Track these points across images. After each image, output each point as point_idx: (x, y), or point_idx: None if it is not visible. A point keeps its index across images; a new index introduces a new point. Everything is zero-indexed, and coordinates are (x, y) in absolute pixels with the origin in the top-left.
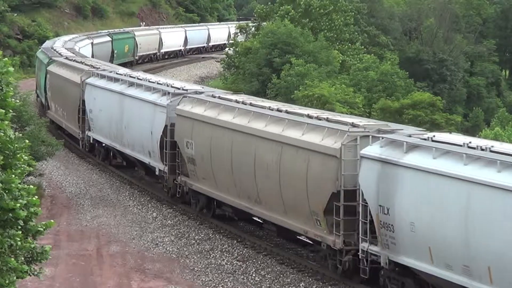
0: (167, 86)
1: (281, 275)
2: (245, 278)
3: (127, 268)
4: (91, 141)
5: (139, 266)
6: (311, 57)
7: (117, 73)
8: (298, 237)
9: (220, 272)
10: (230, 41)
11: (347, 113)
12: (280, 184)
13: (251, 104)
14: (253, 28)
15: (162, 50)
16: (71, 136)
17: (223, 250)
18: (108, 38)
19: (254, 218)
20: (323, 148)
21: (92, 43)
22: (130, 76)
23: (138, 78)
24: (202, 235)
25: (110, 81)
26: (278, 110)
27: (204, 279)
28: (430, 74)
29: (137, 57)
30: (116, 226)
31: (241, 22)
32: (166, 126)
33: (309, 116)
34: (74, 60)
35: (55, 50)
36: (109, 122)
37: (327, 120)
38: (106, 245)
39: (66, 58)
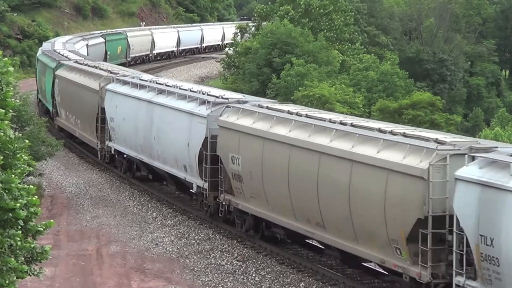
0: (205, 94)
1: (281, 275)
2: (245, 278)
3: (127, 268)
4: (112, 151)
5: (139, 266)
6: (311, 57)
7: (141, 79)
8: (364, 263)
9: (220, 272)
10: (230, 41)
11: (347, 113)
12: (350, 207)
13: (307, 116)
14: (253, 28)
15: (154, 51)
16: (83, 144)
17: (223, 250)
18: (102, 40)
19: (311, 242)
20: (406, 168)
21: (87, 44)
22: (157, 83)
23: (166, 85)
24: (202, 235)
25: (135, 88)
26: (342, 123)
27: (204, 279)
28: (430, 74)
29: (129, 59)
30: (116, 226)
31: (236, 22)
32: (206, 138)
33: (380, 131)
34: (86, 64)
35: (61, 53)
36: (135, 132)
37: (405, 135)
38: (106, 245)
39: (76, 62)
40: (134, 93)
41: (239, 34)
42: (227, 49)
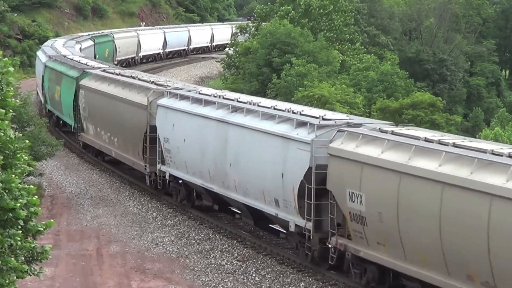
0: (302, 114)
1: (281, 275)
2: (245, 278)
3: (127, 268)
4: (167, 177)
5: (139, 266)
6: (310, 57)
7: (201, 93)
8: None
9: (220, 272)
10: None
11: (347, 113)
12: None
13: (455, 145)
14: (253, 28)
15: (140, 54)
16: (117, 164)
17: (223, 250)
18: (91, 42)
19: None
20: None
21: (80, 48)
22: (225, 98)
23: (240, 101)
24: (202, 235)
25: (198, 104)
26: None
27: (204, 279)
28: (430, 74)
29: (115, 62)
30: (116, 226)
31: (224, 23)
32: (310, 168)
33: None
34: (119, 74)
35: (76, 60)
36: (200, 157)
37: None
38: (106, 245)
39: (104, 70)
40: (198, 110)
41: (239, 34)
42: (227, 49)
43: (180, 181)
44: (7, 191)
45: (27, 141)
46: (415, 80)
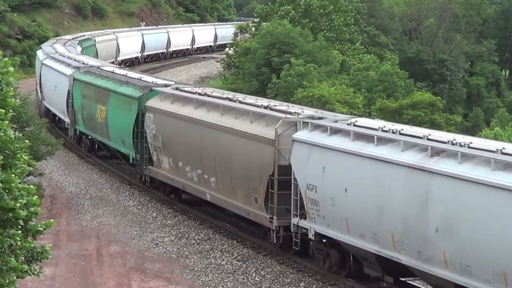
0: None
1: (281, 275)
2: (245, 278)
3: (127, 268)
4: (310, 235)
5: (139, 266)
6: (310, 57)
7: (367, 127)
8: None
9: (220, 272)
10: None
11: (347, 113)
12: None
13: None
14: (253, 28)
15: (119, 58)
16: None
17: (223, 250)
18: (80, 47)
19: None
20: None
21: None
22: (405, 134)
23: (431, 139)
24: (202, 235)
25: (366, 142)
26: None
27: (204, 279)
28: (430, 74)
29: None
30: (116, 226)
31: (207, 23)
32: None
33: None
34: (205, 94)
35: (131, 76)
36: (376, 214)
37: None
38: (106, 245)
39: (178, 88)
40: (369, 150)
41: (239, 34)
42: (227, 49)
43: (324, 240)
44: (7, 191)
45: (27, 141)
46: (415, 80)
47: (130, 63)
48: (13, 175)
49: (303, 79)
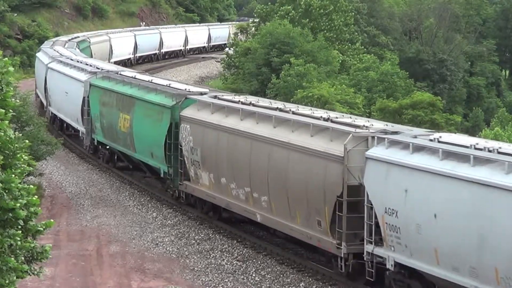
0: None
1: (281, 275)
2: (245, 278)
3: (127, 268)
4: (388, 266)
5: (139, 266)
6: (310, 57)
7: (456, 144)
8: None
9: (220, 272)
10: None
11: (347, 113)
12: None
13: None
14: (253, 28)
15: (112, 60)
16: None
17: (223, 250)
18: (78, 49)
19: None
20: None
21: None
22: None
23: None
24: (202, 235)
25: (460, 162)
26: None
27: (204, 279)
28: (430, 74)
29: None
30: (116, 226)
31: (201, 24)
32: None
33: None
34: (251, 104)
35: (159, 83)
36: (476, 244)
37: None
38: (106, 245)
39: (217, 97)
40: (461, 170)
41: (239, 34)
42: (227, 49)
43: (402, 270)
44: (7, 191)
45: (26, 141)
46: (415, 80)
47: (122, 65)
48: (13, 175)
49: (302, 79)
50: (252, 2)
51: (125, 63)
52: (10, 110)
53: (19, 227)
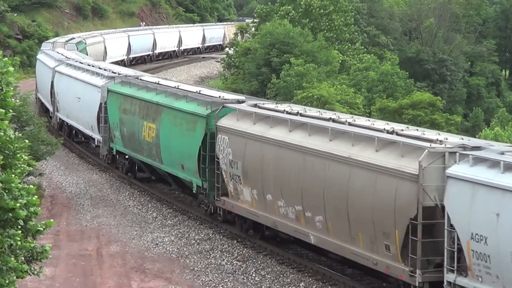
0: None
1: (281, 275)
2: (245, 278)
3: (127, 268)
4: None
5: (139, 266)
6: (309, 57)
7: None
8: None
9: (220, 272)
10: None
11: (347, 113)
12: None
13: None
14: (253, 29)
15: (107, 61)
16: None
17: (223, 250)
18: (77, 52)
19: None
20: None
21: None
22: None
23: None
24: (202, 235)
25: None
26: None
27: (204, 279)
28: (430, 74)
29: None
30: (116, 226)
31: (196, 24)
32: None
33: None
34: (298, 113)
35: (187, 89)
36: None
37: None
38: (106, 245)
39: (257, 105)
40: None
41: (239, 34)
42: (227, 49)
43: None
44: (7, 191)
45: (26, 141)
46: (415, 80)
47: None
48: (13, 175)
49: (302, 79)
50: (252, 2)
51: (119, 65)
52: (10, 110)
53: (19, 227)
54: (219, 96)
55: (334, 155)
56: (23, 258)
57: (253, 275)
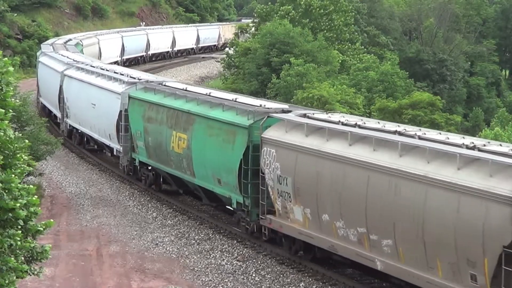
0: None
1: (281, 275)
2: (245, 278)
3: (127, 268)
4: None
5: (139, 266)
6: (309, 57)
7: None
8: None
9: (220, 272)
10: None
11: (347, 113)
12: None
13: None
14: (252, 29)
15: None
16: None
17: (223, 250)
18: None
19: None
20: None
21: None
22: None
23: None
24: (202, 235)
25: None
26: None
27: (204, 279)
28: (430, 74)
29: None
30: (116, 226)
31: (190, 25)
32: None
33: None
34: (356, 125)
35: (219, 96)
36: None
37: None
38: (106, 245)
39: (306, 115)
40: None
41: (239, 34)
42: (227, 49)
43: None
44: (7, 191)
45: (26, 140)
46: (415, 80)
47: None
48: (13, 175)
49: (302, 79)
50: (252, 2)
51: None
52: (10, 110)
53: (19, 227)
54: (260, 105)
55: (407, 173)
56: (23, 258)
57: (253, 275)
